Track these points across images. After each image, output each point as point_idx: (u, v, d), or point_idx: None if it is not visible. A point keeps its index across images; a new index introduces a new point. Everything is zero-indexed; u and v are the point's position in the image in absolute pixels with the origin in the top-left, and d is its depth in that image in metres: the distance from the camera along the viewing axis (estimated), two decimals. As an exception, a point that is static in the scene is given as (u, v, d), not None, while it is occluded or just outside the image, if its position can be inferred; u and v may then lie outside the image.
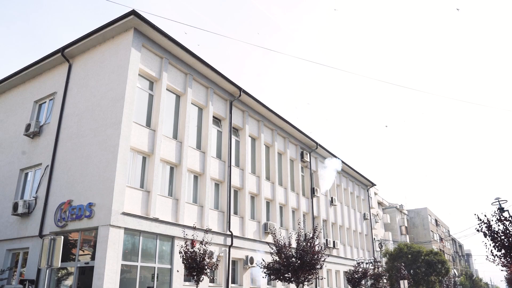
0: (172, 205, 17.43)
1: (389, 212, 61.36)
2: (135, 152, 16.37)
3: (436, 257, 42.01)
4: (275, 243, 18.55)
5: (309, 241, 18.58)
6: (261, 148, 25.03)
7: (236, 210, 22.06)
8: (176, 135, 18.80)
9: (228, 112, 22.40)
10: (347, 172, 38.24)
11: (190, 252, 14.84)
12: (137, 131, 16.35)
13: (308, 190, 30.34)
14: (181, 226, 17.00)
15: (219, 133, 21.97)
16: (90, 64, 17.81)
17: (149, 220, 15.80)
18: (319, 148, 31.57)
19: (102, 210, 14.42)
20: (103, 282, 13.44)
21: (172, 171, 18.21)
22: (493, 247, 15.58)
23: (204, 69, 20.32)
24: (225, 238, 19.94)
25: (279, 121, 26.70)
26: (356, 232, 38.41)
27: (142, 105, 17.23)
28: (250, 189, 23.23)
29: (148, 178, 16.56)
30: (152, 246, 16.01)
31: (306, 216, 29.46)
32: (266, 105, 24.63)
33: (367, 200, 43.20)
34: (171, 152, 17.96)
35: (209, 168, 19.99)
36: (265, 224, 23.59)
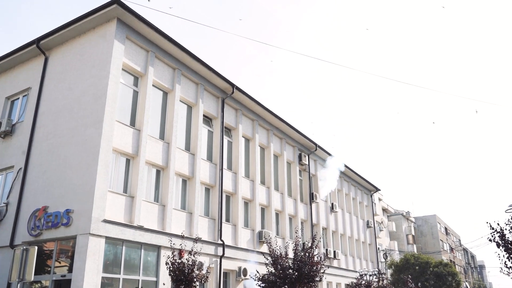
0: (158, 211, 17.40)
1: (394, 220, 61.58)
2: (118, 153, 16.33)
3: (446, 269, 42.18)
4: (271, 253, 18.54)
5: (307, 251, 18.58)
6: (256, 149, 25.06)
7: (228, 217, 22.05)
8: (163, 136, 18.78)
9: (220, 110, 22.41)
10: (349, 176, 38.36)
11: (178, 263, 14.80)
12: (120, 130, 16.32)
13: (307, 196, 30.39)
14: (168, 235, 16.98)
15: (210, 133, 21.97)
16: (68, 57, 17.76)
17: (133, 228, 15.76)
18: (318, 149, 31.65)
19: (81, 218, 14.36)
20: (82, 297, 13.38)
21: (159, 174, 18.19)
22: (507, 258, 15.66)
23: (194, 64, 20.32)
24: (216, 248, 19.93)
25: (275, 121, 26.74)
26: (358, 241, 38.52)
27: (126, 102, 17.19)
28: (244, 194, 23.24)
29: (132, 182, 16.53)
30: (136, 257, 15.97)
31: (305, 224, 29.51)
32: (261, 103, 24.67)
33: (370, 206, 43.33)
34: (157, 154, 17.94)
35: (199, 171, 19.99)
36: (260, 232, 23.60)
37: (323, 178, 32.41)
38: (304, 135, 29.53)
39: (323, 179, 32.38)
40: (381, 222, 50.85)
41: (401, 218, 63.83)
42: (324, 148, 32.34)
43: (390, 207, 59.02)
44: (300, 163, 30.06)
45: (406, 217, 66.02)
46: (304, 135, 29.53)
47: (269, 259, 18.60)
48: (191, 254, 15.19)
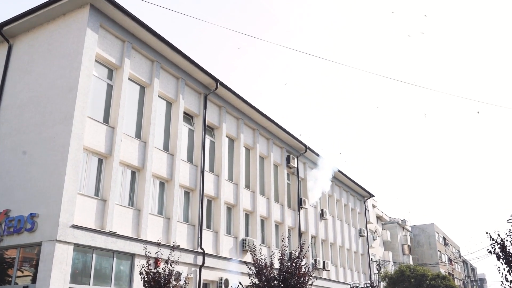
0: (133, 217, 17.31)
1: (389, 228, 62.05)
2: (90, 153, 16.22)
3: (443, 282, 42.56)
4: (255, 263, 18.54)
5: (294, 261, 18.61)
6: (240, 150, 25.06)
7: (209, 223, 22.02)
8: (140, 134, 18.69)
9: (202, 107, 22.37)
10: (341, 181, 38.56)
11: (153, 272, 14.74)
12: (92, 128, 16.20)
13: (295, 201, 30.48)
14: (143, 242, 16.89)
15: (191, 132, 21.92)
16: (35, 46, 17.58)
17: (105, 234, 15.65)
18: (308, 151, 31.76)
19: (47, 222, 14.22)
20: (47, 309, 13.25)
21: (134, 176, 18.09)
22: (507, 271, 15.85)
23: (174, 56, 20.26)
24: (195, 257, 19.89)
25: (262, 120, 26.78)
26: (350, 251, 38.72)
27: (98, 97, 17.08)
28: (227, 198, 23.22)
29: (105, 185, 16.43)
30: (108, 266, 15.86)
31: (292, 232, 29.59)
32: (246, 100, 24.69)
33: (363, 213, 43.60)
34: (133, 153, 17.84)
35: (178, 173, 19.92)
36: (243, 240, 23.60)
37: (312, 182, 32.50)
38: (293, 136, 29.62)
39: (313, 183, 32.47)
40: (375, 230, 51.20)
41: (397, 226, 64.33)
42: (315, 150, 32.46)
43: (384, 215, 59.46)
44: (288, 166, 30.12)
45: (401, 226, 66.55)
46: (293, 135, 29.61)
47: (253, 269, 18.59)
48: (168, 263, 15.14)
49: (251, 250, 19.67)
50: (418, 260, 67.89)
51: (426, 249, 74.06)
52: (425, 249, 74.03)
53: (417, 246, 74.23)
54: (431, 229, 75.67)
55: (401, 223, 66.51)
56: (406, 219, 68.77)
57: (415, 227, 75.45)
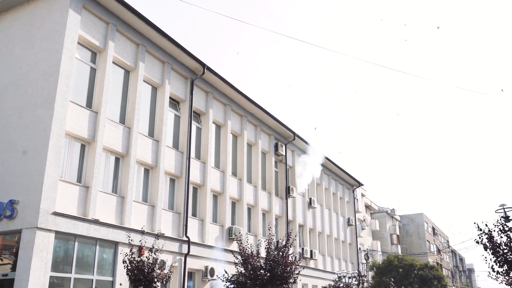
0: (117, 204, 17.27)
1: (378, 218, 62.51)
2: (72, 138, 16.11)
3: (431, 272, 43.06)
4: (241, 251, 18.62)
5: (281, 250, 18.73)
6: (228, 137, 25.03)
7: (195, 211, 22.04)
8: (124, 119, 18.58)
9: (188, 93, 22.27)
10: (329, 169, 38.73)
11: (137, 261, 14.73)
12: (75, 112, 16.07)
13: (283, 189, 30.58)
14: (127, 230, 16.86)
15: (176, 118, 21.83)
16: (15, 26, 17.33)
17: (87, 222, 15.61)
18: (297, 139, 31.80)
19: (28, 209, 14.15)
20: (27, 298, 13.22)
21: (118, 162, 18.02)
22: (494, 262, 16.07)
23: (160, 40, 20.11)
24: (180, 245, 19.92)
25: (250, 106, 26.74)
26: (338, 240, 39.03)
27: (81, 81, 16.93)
28: (213, 186, 23.23)
29: (88, 171, 16.34)
30: (90, 254, 15.84)
31: (279, 220, 29.72)
32: (234, 86, 24.64)
33: (352, 202, 43.89)
34: (116, 139, 17.75)
35: (163, 160, 19.88)
36: (230, 228, 23.67)
37: (301, 170, 32.61)
38: (282, 123, 29.63)
39: (301, 171, 32.59)
40: (364, 220, 51.56)
41: (386, 216, 64.82)
42: (303, 138, 32.53)
43: (373, 204, 59.83)
44: (276, 154, 30.17)
45: (390, 215, 67.08)
46: (282, 122, 29.62)
47: (239, 258, 18.68)
48: (152, 251, 15.15)
49: (237, 238, 19.74)
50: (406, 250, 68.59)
51: (415, 238, 74.79)
52: (413, 239, 74.76)
53: (406, 235, 74.94)
54: (420, 219, 76.35)
55: (390, 212, 67.04)
56: (395, 209, 69.33)
57: (404, 217, 76.08)
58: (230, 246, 23.14)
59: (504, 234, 16.03)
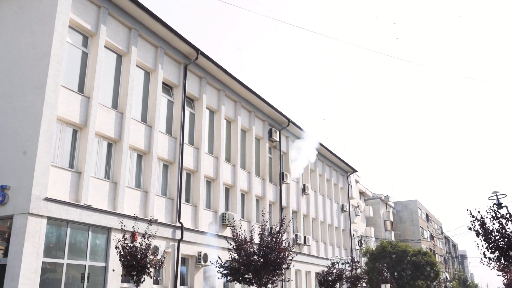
0: (109, 189, 17.25)
1: (372, 204, 62.78)
2: (64, 123, 16.03)
3: (424, 258, 43.42)
4: (234, 237, 18.69)
5: (274, 236, 18.81)
6: (221, 123, 24.98)
7: (188, 197, 22.06)
8: (116, 104, 18.49)
9: (181, 78, 22.17)
10: (324, 156, 38.78)
11: (130, 247, 14.78)
12: (67, 97, 15.97)
13: (276, 175, 30.63)
14: (120, 216, 16.88)
15: (170, 104, 21.75)
16: (5, 9, 17.12)
17: (80, 207, 15.59)
18: (291, 125, 31.77)
19: (19, 195, 14.11)
20: (18, 284, 13.22)
21: (110, 148, 17.96)
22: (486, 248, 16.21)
23: (153, 24, 19.96)
24: (173, 231, 19.96)
25: (244, 91, 26.66)
26: (332, 227, 39.22)
27: (73, 65, 16.80)
28: (206, 172, 23.23)
29: (80, 156, 16.29)
30: (83, 240, 15.85)
31: (273, 206, 29.80)
32: (228, 71, 24.53)
33: (346, 189, 44.05)
34: (109, 124, 17.67)
35: (157, 145, 19.83)
36: (223, 214, 23.72)
37: (295, 156, 32.65)
38: (276, 109, 29.57)
39: (295, 157, 32.62)
40: (357, 206, 51.79)
41: (379, 202, 65.10)
42: (298, 124, 32.50)
43: (367, 190, 60.06)
44: (270, 140, 30.15)
45: (384, 202, 67.37)
46: (276, 108, 29.56)
47: (233, 244, 18.75)
48: (145, 237, 15.19)
49: (231, 224, 19.81)
50: (400, 236, 69.05)
51: (409, 225, 75.25)
52: (407, 225, 75.22)
53: (399, 222, 75.38)
54: (414, 206, 76.76)
55: (384, 199, 67.32)
56: (389, 195, 69.59)
57: (398, 203, 76.47)
58: (223, 232, 23.20)
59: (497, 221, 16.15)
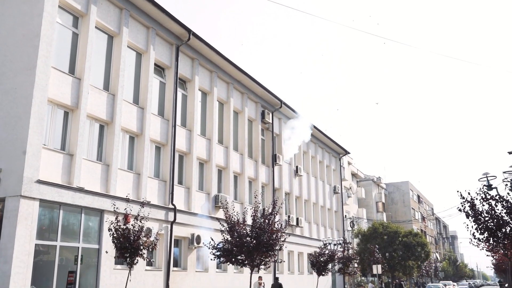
0: (102, 172, 17.27)
1: (364, 186, 63.27)
2: (55, 105, 15.96)
3: (415, 239, 44.00)
4: (227, 219, 18.82)
5: (267, 218, 18.97)
6: (214, 104, 24.95)
7: (181, 179, 22.12)
8: (108, 86, 18.41)
9: (173, 59, 22.06)
10: (316, 137, 38.87)
11: (123, 229, 14.85)
12: (57, 79, 15.89)
13: (269, 157, 30.73)
14: (112, 198, 16.92)
15: (162, 85, 21.68)
16: (-6, -10, 16.91)
17: (72, 190, 15.62)
18: (284, 107, 31.78)
19: (11, 177, 14.09)
20: (11, 267, 13.31)
21: (102, 130, 17.93)
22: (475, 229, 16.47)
23: (145, 4, 19.79)
24: (166, 213, 20.05)
25: (236, 73, 26.59)
26: (324, 208, 39.50)
27: (63, 46, 16.67)
28: (199, 154, 23.27)
29: (71, 138, 16.27)
30: (76, 222, 15.90)
31: (266, 188, 29.95)
32: (220, 52, 24.43)
33: (338, 170, 44.27)
34: (101, 106, 17.61)
35: (149, 127, 19.80)
36: (216, 196, 23.83)
37: (287, 138, 32.72)
38: (269, 90, 29.54)
39: (288, 139, 32.70)
40: (350, 188, 52.17)
41: (371, 184, 65.63)
42: (290, 106, 32.51)
43: (360, 172, 60.46)
44: (263, 121, 30.18)
45: (376, 183, 67.90)
46: (269, 90, 29.53)
47: (225, 225, 18.89)
48: (138, 219, 15.25)
49: (223, 206, 19.94)
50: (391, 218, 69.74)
51: (400, 206, 76.01)
52: (399, 207, 75.97)
53: (391, 203, 76.07)
54: (405, 187, 77.48)
55: (376, 180, 67.85)
56: (381, 177, 70.16)
57: (390, 185, 77.13)
58: (216, 214, 23.33)
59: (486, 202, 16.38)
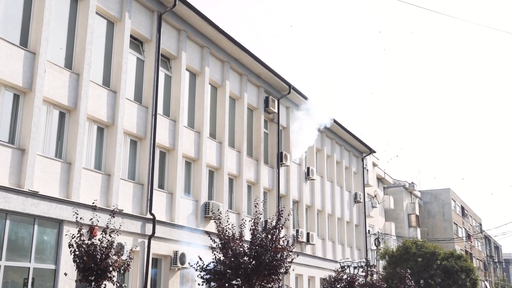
0: (62, 171, 17.22)
1: (393, 193, 63.13)
2: (2, 86, 15.96)
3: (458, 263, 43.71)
4: (220, 233, 18.72)
5: (270, 232, 18.85)
6: (205, 89, 24.87)
7: (162, 182, 22.10)
8: (70, 64, 18.38)
9: (155, 30, 22.00)
10: (333, 132, 38.80)
11: (87, 245, 14.73)
12: (5, 52, 15.88)
13: (273, 156, 30.66)
14: (75, 205, 16.83)
15: (140, 63, 21.67)
16: None
17: (23, 194, 15.57)
18: (292, 92, 31.68)
19: None
20: None
21: (63, 118, 17.90)
22: None
23: (117, -41, 19.74)
24: (143, 225, 20.00)
25: (234, 49, 26.52)
26: (342, 221, 39.45)
27: (13, 13, 16.66)
28: (185, 150, 23.21)
29: (23, 129, 16.26)
30: (27, 236, 15.86)
31: (269, 195, 29.89)
32: (214, 23, 24.34)
33: (361, 174, 44.19)
34: (61, 89, 17.55)
35: (122, 116, 19.75)
36: (206, 204, 23.74)
37: (297, 132, 32.61)
38: (274, 72, 29.48)
39: (298, 133, 32.58)
40: (375, 196, 52.06)
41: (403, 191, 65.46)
42: (301, 91, 32.41)
43: (387, 176, 60.37)
44: (266, 111, 30.07)
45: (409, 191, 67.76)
46: (274, 71, 29.48)
47: (218, 241, 18.79)
48: (107, 232, 15.14)
49: (215, 217, 19.84)
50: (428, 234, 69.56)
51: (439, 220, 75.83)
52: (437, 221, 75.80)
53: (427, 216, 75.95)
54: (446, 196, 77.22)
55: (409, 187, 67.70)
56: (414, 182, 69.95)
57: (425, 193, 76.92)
58: (206, 227, 23.27)
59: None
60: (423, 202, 76.00)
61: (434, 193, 77.38)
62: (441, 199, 76.97)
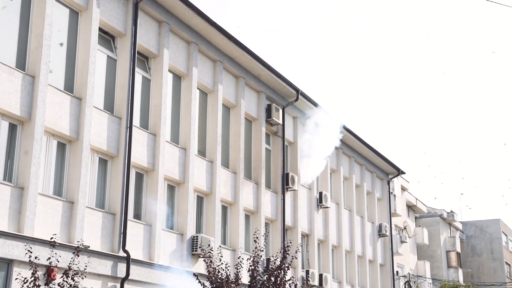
0: (11, 199, 17.18)
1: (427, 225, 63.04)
2: None
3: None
4: (210, 275, 18.73)
5: (273, 274, 18.85)
6: (192, 95, 24.94)
7: (138, 210, 22.14)
8: (24, 63, 18.43)
9: (130, 22, 22.08)
10: (352, 148, 38.82)
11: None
12: None
13: (278, 178, 30.67)
14: (28, 240, 16.78)
15: (111, 62, 21.78)
16: None
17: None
18: (301, 99, 31.72)
19: None
20: None
21: (13, 131, 17.94)
22: None
23: None
24: (114, 265, 19.95)
25: (228, 46, 26.62)
26: (363, 260, 39.36)
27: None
28: (168, 172, 23.24)
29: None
30: (-31, 277, 15.83)
31: (272, 226, 29.86)
32: (204, 14, 24.44)
33: (386, 200, 44.13)
34: (12, 94, 17.56)
35: (89, 129, 19.74)
36: (194, 238, 23.68)
37: (307, 148, 32.63)
38: (278, 74, 29.54)
39: (308, 150, 32.60)
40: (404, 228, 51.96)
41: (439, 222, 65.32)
42: (312, 98, 32.47)
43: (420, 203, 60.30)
44: (268, 122, 30.11)
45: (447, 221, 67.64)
46: (278, 73, 29.55)
47: (208, 285, 18.78)
48: (69, 275, 15.13)
49: (205, 254, 19.86)
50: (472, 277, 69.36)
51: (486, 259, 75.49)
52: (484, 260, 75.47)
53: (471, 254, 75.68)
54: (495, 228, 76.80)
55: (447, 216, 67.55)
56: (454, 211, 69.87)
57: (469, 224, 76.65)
58: (193, 267, 23.21)
59: None
60: (465, 236, 75.75)
61: (479, 225, 77.06)
62: (489, 233, 76.61)
